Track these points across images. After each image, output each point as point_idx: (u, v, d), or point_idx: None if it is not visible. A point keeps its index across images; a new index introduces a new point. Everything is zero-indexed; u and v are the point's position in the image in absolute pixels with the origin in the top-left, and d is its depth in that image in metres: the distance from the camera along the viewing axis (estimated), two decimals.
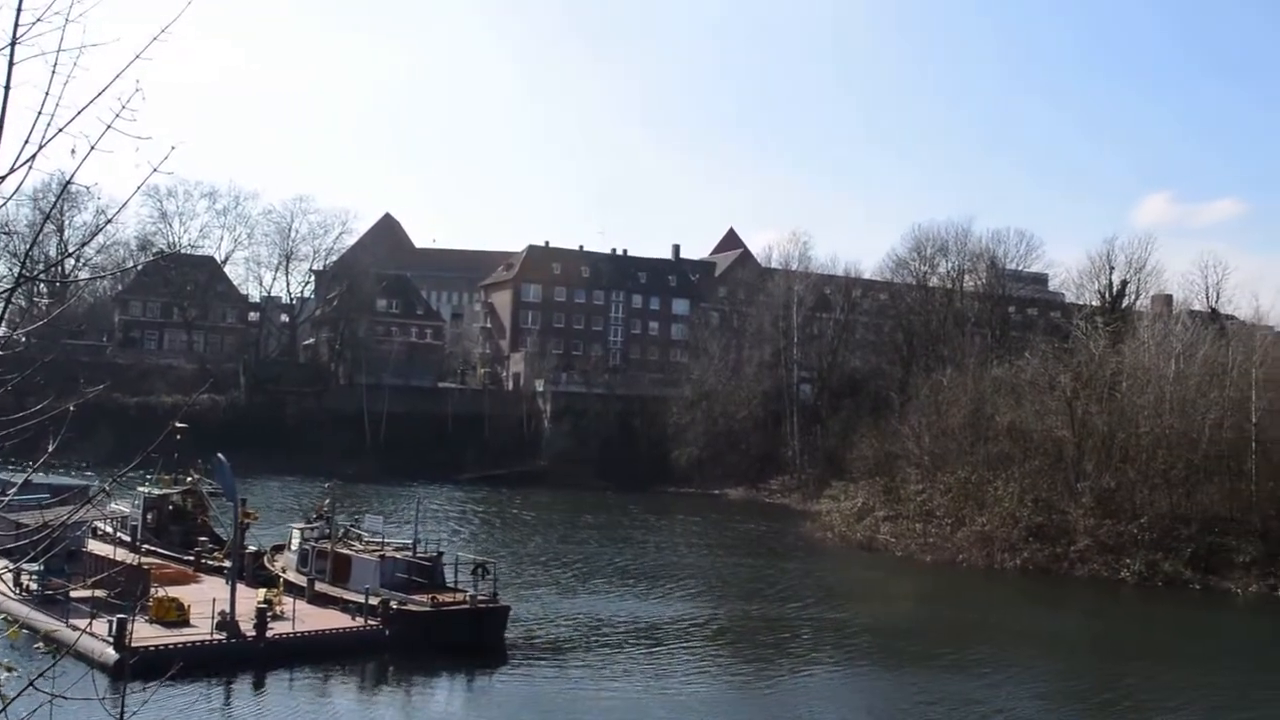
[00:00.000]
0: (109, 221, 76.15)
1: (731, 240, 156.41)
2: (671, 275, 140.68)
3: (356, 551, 40.41)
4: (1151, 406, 63.82)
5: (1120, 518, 59.94)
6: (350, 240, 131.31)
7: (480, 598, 37.60)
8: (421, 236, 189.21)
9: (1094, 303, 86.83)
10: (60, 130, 4.97)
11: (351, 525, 44.91)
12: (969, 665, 38.98)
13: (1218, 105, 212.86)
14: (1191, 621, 50.67)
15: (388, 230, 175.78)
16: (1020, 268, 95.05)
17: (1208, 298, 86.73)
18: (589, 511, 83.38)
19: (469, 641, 35.57)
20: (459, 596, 37.64)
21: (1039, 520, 61.78)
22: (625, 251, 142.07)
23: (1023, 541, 61.23)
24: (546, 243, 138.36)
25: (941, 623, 47.95)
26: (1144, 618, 52.12)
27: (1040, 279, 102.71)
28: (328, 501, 44.62)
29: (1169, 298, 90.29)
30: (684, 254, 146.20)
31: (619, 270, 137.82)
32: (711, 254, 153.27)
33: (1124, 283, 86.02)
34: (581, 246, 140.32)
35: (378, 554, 39.74)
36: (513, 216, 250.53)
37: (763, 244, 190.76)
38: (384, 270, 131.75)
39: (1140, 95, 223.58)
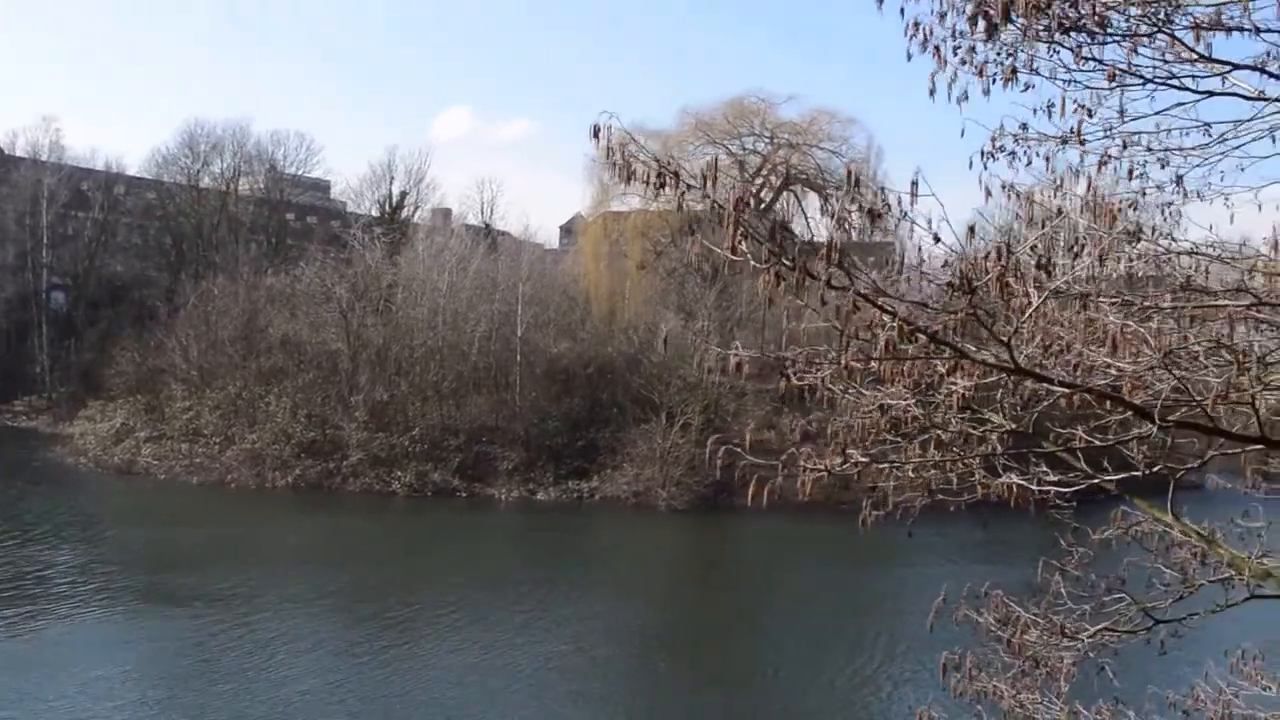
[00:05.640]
0: None
1: None
2: None
3: None
4: (426, 319, 64.39)
5: (393, 430, 59.91)
6: None
7: None
8: None
9: (374, 213, 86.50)
10: None
11: None
12: (239, 591, 36.83)
13: (520, 23, 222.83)
14: (452, 527, 52.44)
15: None
16: (301, 173, 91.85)
17: (483, 213, 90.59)
18: None
19: None
20: None
21: (312, 436, 59.84)
22: None
23: (295, 458, 59.03)
24: None
25: (210, 548, 44.45)
26: (410, 526, 52.84)
27: (322, 186, 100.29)
28: None
29: (449, 211, 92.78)
30: None
31: None
32: None
33: (403, 194, 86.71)
34: None
35: None
36: None
37: (5, 130, 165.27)
38: None
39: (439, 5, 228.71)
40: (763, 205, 71.75)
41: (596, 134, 5.74)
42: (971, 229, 5.92)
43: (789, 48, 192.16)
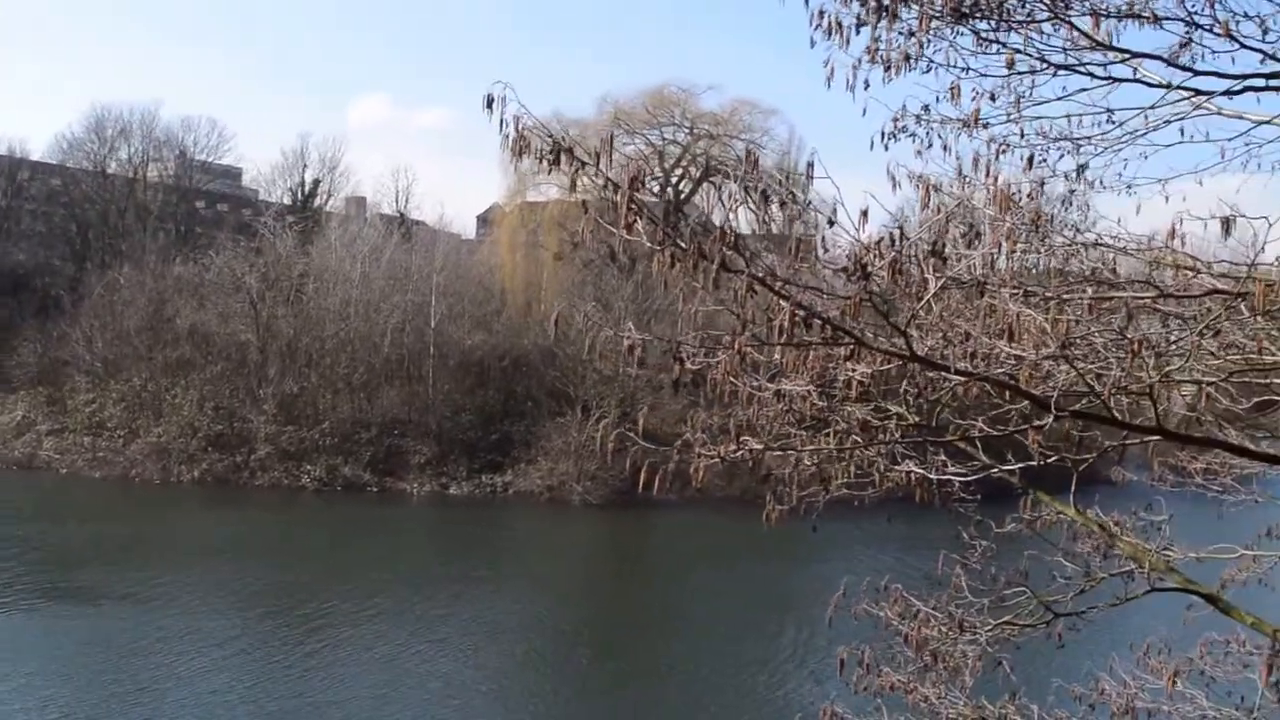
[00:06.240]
0: None
1: None
2: None
3: None
4: (338, 310, 63.18)
5: (303, 424, 58.92)
6: None
7: None
8: None
9: (286, 201, 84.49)
10: None
11: None
12: (145, 589, 36.04)
13: (441, 6, 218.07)
14: (364, 521, 51.50)
15: None
16: (211, 159, 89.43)
17: (397, 201, 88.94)
18: None
19: None
20: None
21: (219, 429, 58.58)
22: None
23: (202, 452, 57.78)
24: None
25: (115, 544, 43.30)
26: (320, 521, 52.00)
27: (233, 173, 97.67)
28: None
29: (363, 200, 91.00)
30: None
31: None
32: None
33: (316, 182, 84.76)
34: None
35: None
36: None
37: None
38: None
39: None
40: (682, 196, 71.72)
41: (490, 105, 5.43)
42: (865, 213, 5.76)
43: (788, 48, 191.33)
